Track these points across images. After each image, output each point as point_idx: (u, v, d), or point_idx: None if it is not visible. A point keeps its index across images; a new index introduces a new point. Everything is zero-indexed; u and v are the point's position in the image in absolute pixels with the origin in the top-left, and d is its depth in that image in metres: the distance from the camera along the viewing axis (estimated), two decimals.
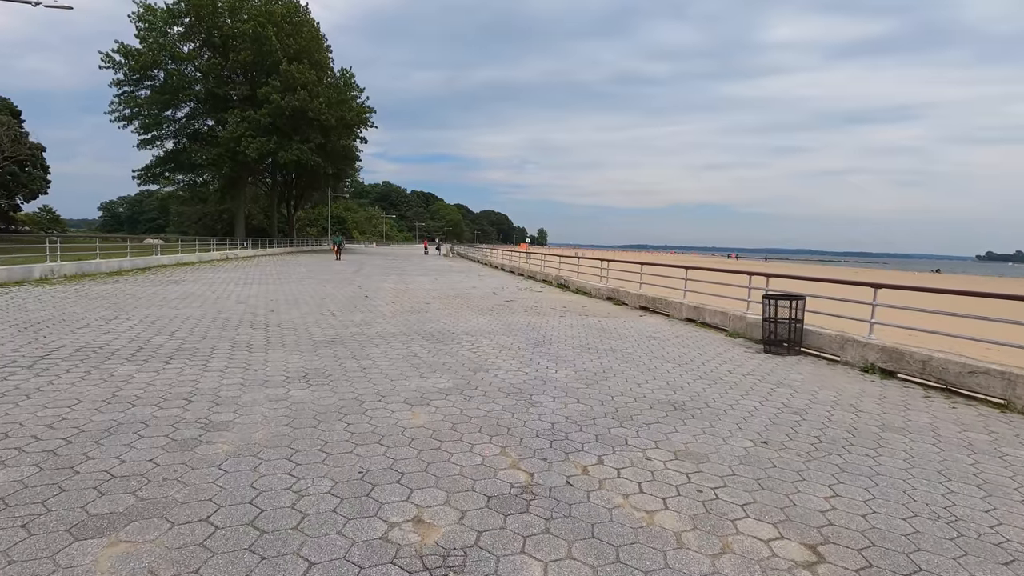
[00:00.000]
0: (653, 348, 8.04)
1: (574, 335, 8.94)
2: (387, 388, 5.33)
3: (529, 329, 9.39)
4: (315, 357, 6.54)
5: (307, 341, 7.54)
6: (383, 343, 7.63)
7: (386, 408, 4.70)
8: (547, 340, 8.37)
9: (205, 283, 15.51)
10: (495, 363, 6.62)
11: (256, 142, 37.55)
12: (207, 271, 20.16)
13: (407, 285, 17.61)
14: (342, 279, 19.00)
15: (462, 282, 19.69)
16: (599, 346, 8.03)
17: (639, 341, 8.60)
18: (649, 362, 7.05)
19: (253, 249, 36.39)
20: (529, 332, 9.05)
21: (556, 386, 5.65)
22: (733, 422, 4.70)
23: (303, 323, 9.14)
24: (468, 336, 8.46)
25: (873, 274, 64.97)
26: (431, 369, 6.19)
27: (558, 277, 19.48)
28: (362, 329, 8.75)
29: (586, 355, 7.34)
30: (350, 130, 45.46)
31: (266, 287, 15.11)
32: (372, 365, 6.27)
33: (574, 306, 13.32)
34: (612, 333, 9.30)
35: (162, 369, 5.67)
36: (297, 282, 17.11)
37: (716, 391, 5.70)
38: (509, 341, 8.16)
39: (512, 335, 8.71)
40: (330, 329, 8.64)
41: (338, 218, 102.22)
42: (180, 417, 4.22)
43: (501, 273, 26.39)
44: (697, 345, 8.45)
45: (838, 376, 6.66)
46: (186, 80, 39.19)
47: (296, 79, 37.53)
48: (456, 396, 5.14)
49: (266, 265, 25.58)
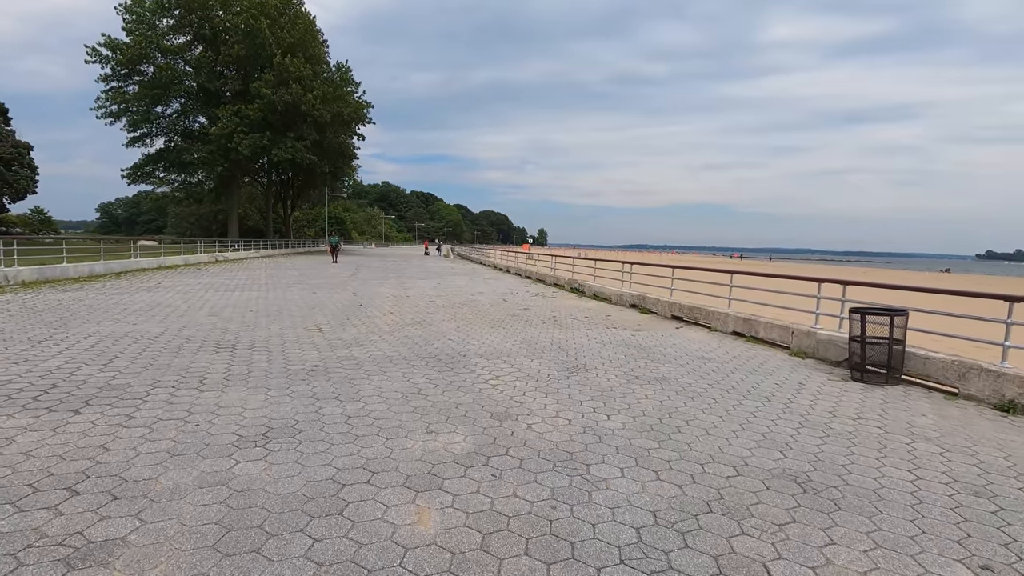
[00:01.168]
0: (714, 376, 6.43)
1: (610, 356, 7.33)
2: (380, 454, 3.72)
3: (555, 348, 7.79)
4: (285, 398, 4.93)
5: (280, 371, 5.92)
6: (377, 372, 6.02)
7: (377, 501, 3.08)
8: (581, 365, 6.77)
9: (181, 290, 13.89)
10: (524, 404, 5.01)
11: (248, 139, 35.84)
12: (188, 276, 18.54)
13: (407, 291, 16.00)
14: (336, 284, 17.38)
15: (467, 287, 18.09)
16: (647, 373, 6.42)
17: (692, 365, 6.99)
18: (721, 398, 5.45)
19: (245, 251, 34.73)
20: (556, 353, 7.44)
21: (616, 444, 4.05)
22: (902, 516, 3.09)
23: (281, 343, 7.52)
24: (483, 360, 6.85)
25: (882, 274, 63.45)
26: (441, 416, 4.58)
27: (572, 281, 17.87)
28: (352, 351, 7.13)
29: (636, 387, 5.74)
30: (347, 126, 43.71)
31: (249, 294, 13.50)
32: (361, 410, 4.66)
33: (597, 316, 11.72)
34: (655, 353, 7.69)
35: (64, 424, 4.05)
36: (285, 288, 15.50)
37: (837, 450, 4.10)
38: (535, 367, 6.55)
39: (536, 357, 7.11)
40: (313, 351, 7.03)
41: (336, 218, 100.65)
42: (40, 532, 2.60)
43: (507, 276, 24.79)
44: (764, 370, 6.85)
45: (974, 419, 5.06)
46: (176, 74, 37.49)
47: (290, 73, 35.82)
48: (480, 470, 3.53)
49: (256, 268, 23.96)
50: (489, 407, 4.88)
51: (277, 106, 35.97)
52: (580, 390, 5.58)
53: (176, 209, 68.80)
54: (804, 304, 9.10)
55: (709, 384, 6.02)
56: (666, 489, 3.34)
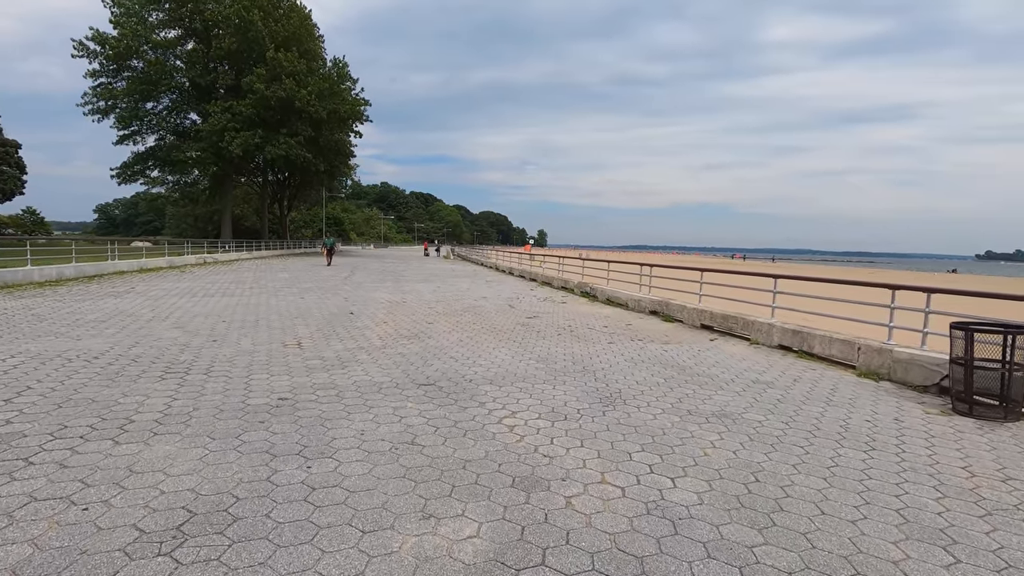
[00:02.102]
0: (784, 408, 5.13)
1: (647, 379, 6.03)
2: (349, 571, 2.42)
3: (578, 369, 6.48)
4: (230, 455, 3.61)
5: (235, 408, 4.61)
6: (360, 408, 4.72)
7: None
8: (615, 393, 5.47)
9: (154, 295, 12.57)
10: (555, 460, 3.70)
11: (240, 136, 34.45)
12: (169, 279, 17.23)
13: (404, 295, 14.70)
14: (327, 288, 16.08)
15: (469, 290, 16.79)
16: (700, 405, 5.12)
17: (750, 392, 5.69)
18: (809, 445, 4.15)
19: (236, 252, 33.37)
20: (581, 376, 6.14)
21: (700, 538, 2.75)
22: None
23: (247, 364, 6.21)
24: (493, 387, 5.55)
25: (890, 275, 62.25)
26: (443, 484, 3.27)
27: (582, 284, 16.57)
28: (333, 376, 5.82)
29: (694, 428, 4.44)
30: (343, 124, 42.35)
31: (228, 300, 12.18)
32: (331, 476, 3.35)
33: (616, 325, 10.42)
34: (699, 374, 6.39)
35: None
36: (271, 293, 14.18)
37: None
38: (559, 397, 5.25)
39: (559, 382, 5.81)
40: (284, 376, 5.71)
41: (335, 219, 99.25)
42: None
43: (510, 278, 23.48)
44: (841, 399, 5.55)
45: None
46: (166, 69, 36.13)
47: (283, 68, 34.46)
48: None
49: (245, 270, 22.64)
50: (509, 466, 3.57)
51: (270, 102, 34.60)
52: (624, 434, 4.28)
53: (173, 210, 67.47)
54: (866, 313, 7.81)
55: (784, 422, 4.72)
56: None
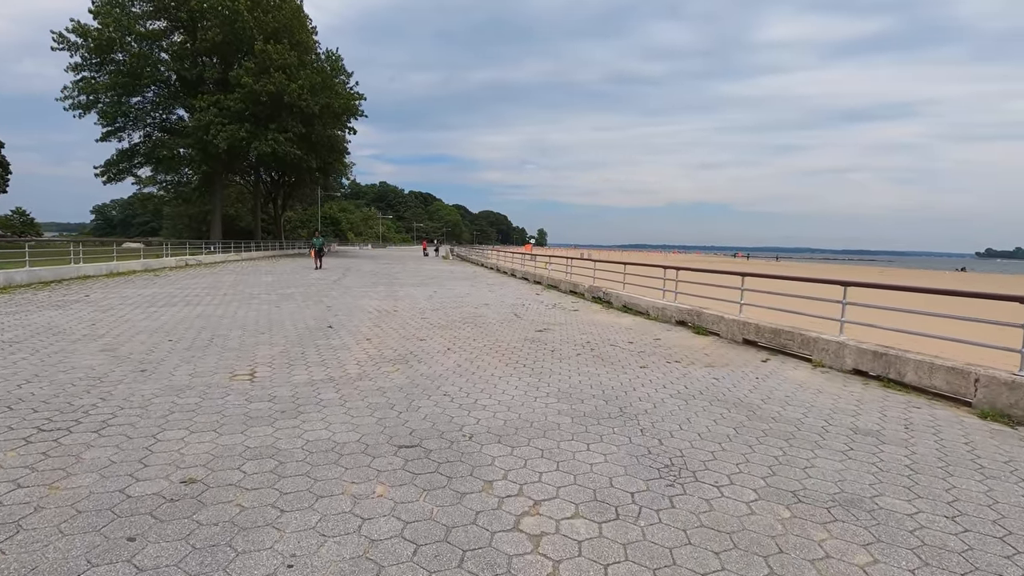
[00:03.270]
0: (924, 483, 3.51)
1: (714, 432, 4.41)
2: None
3: (615, 412, 4.86)
4: None
5: (102, 503, 2.98)
6: (301, 502, 3.08)
7: None
8: (674, 456, 3.85)
9: (106, 306, 10.95)
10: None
11: (226, 130, 32.77)
12: (136, 284, 15.59)
13: (396, 302, 13.08)
14: (311, 294, 14.45)
15: (469, 295, 15.16)
16: (808, 484, 3.50)
17: (859, 451, 4.08)
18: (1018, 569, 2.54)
19: (223, 253, 31.69)
20: (621, 426, 4.51)
21: None
22: None
23: (165, 413, 4.58)
24: (503, 448, 3.93)
25: (898, 274, 60.57)
26: None
27: (594, 289, 14.94)
28: (278, 433, 4.19)
29: (823, 536, 2.83)
30: (337, 119, 40.63)
31: (190, 311, 10.56)
32: None
33: (642, 339, 8.80)
34: (777, 420, 4.77)
35: None
36: (245, 300, 12.55)
37: None
38: (599, 467, 3.62)
39: (593, 437, 4.19)
40: (207, 435, 4.08)
41: (331, 219, 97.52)
42: None
43: (513, 281, 21.85)
44: (991, 461, 3.93)
45: None
46: (150, 61, 34.38)
47: (273, 60, 32.75)
48: None
49: (226, 273, 21.00)
50: None
51: (259, 96, 32.88)
52: (716, 548, 2.66)
53: (169, 210, 65.85)
54: (961, 330, 6.21)
55: (948, 515, 3.10)
56: None
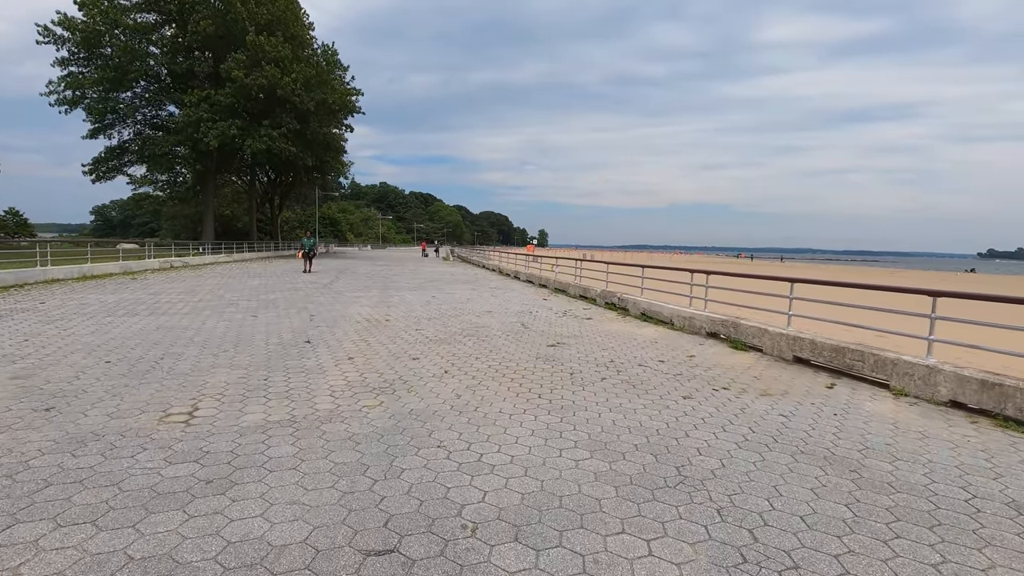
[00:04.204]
0: None
1: (821, 515, 3.07)
2: None
3: (670, 476, 3.53)
4: None
5: None
6: None
7: None
8: (777, 562, 2.52)
9: (57, 315, 9.62)
10: None
11: (216, 127, 31.44)
12: (104, 289, 14.26)
13: (389, 310, 11.76)
14: (296, 300, 13.13)
15: (470, 301, 13.83)
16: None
17: None
18: None
19: (214, 255, 30.37)
20: (680, 495, 3.17)
21: None
22: None
23: (41, 482, 3.23)
24: (522, 545, 2.59)
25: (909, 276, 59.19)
26: None
27: (607, 294, 13.60)
28: (187, 527, 2.86)
29: None
30: (333, 116, 39.30)
31: (151, 323, 9.23)
32: None
33: (673, 356, 7.48)
34: (903, 490, 3.43)
35: None
36: (219, 309, 11.23)
37: None
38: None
39: (647, 519, 2.86)
40: (72, 536, 2.73)
41: (330, 219, 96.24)
42: None
43: (517, 284, 20.53)
44: None
45: None
46: (137, 55, 33.01)
47: (265, 53, 31.41)
48: None
49: (212, 276, 19.68)
50: None
51: (251, 91, 31.58)
52: None
53: (168, 210, 64.66)
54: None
55: None
56: None
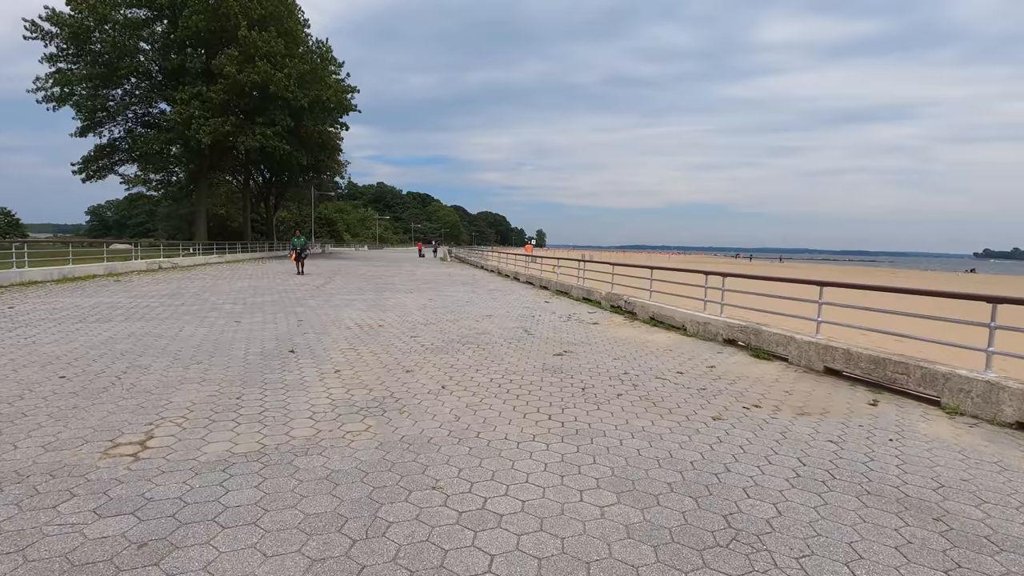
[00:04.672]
0: None
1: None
2: None
3: (718, 529, 2.85)
4: None
5: None
6: None
7: None
8: None
9: (23, 320, 8.90)
10: None
11: (208, 124, 30.69)
12: (84, 292, 13.55)
13: (383, 314, 11.08)
14: (286, 303, 12.44)
15: (469, 304, 13.16)
16: None
17: None
18: None
19: (205, 255, 29.62)
20: (737, 560, 2.50)
21: None
22: None
23: None
24: None
25: (912, 277, 58.61)
26: None
27: (612, 296, 12.94)
28: None
29: None
30: (328, 113, 38.57)
31: (125, 328, 8.53)
32: None
33: (692, 367, 6.82)
34: (989, 539, 2.76)
35: None
36: (202, 313, 10.54)
37: None
38: None
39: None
40: None
41: (327, 219, 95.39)
42: None
43: (516, 285, 19.87)
44: None
45: None
46: (127, 50, 32.20)
47: (257, 48, 30.66)
48: None
49: (200, 278, 18.96)
50: None
51: (244, 87, 30.82)
52: None
53: (162, 210, 63.87)
54: None
55: None
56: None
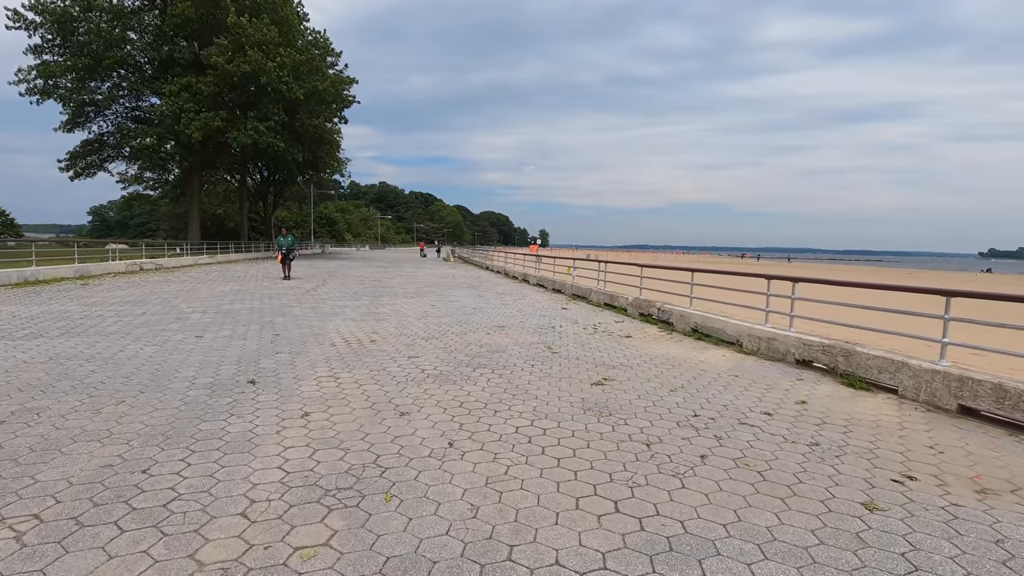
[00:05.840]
0: None
1: None
2: None
3: None
4: None
5: None
6: None
7: None
8: None
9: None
10: None
11: (199, 119, 29.03)
12: (38, 298, 11.90)
13: (378, 323, 9.40)
14: (266, 310, 10.79)
15: (477, 311, 11.47)
16: None
17: None
18: None
19: (194, 256, 27.99)
20: None
21: None
22: None
23: None
24: None
25: (927, 277, 56.59)
26: None
27: (642, 302, 11.23)
28: None
29: None
30: (326, 107, 36.84)
31: (55, 347, 6.87)
32: None
33: (779, 404, 5.13)
34: None
35: None
36: (162, 326, 8.87)
37: None
38: None
39: None
40: None
41: (328, 219, 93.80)
42: None
43: (526, 288, 18.19)
44: None
45: None
46: (113, 40, 30.51)
47: (249, 36, 28.98)
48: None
49: (178, 281, 17.32)
50: None
51: (233, 78, 29.15)
52: None
53: (161, 209, 62.52)
54: None
55: None
56: None
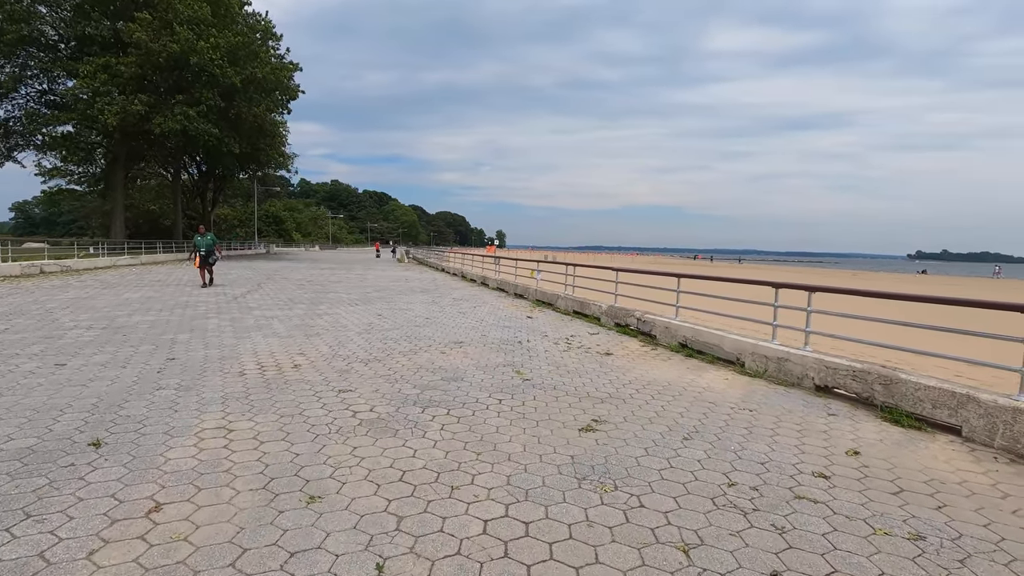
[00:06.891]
0: None
1: None
2: None
3: None
4: None
5: None
6: None
7: None
8: None
9: None
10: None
11: (116, 103, 25.95)
12: None
13: (308, 340, 7.64)
14: (169, 325, 8.81)
15: (431, 322, 9.83)
16: None
17: None
18: None
19: (113, 256, 24.94)
20: None
21: None
22: None
23: None
24: None
25: (867, 279, 58.86)
26: None
27: (618, 311, 9.90)
28: None
29: None
30: (267, 95, 33.99)
31: None
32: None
33: (825, 456, 3.81)
34: None
35: None
36: (20, 347, 6.84)
37: None
38: None
39: None
40: None
41: (275, 217, 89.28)
42: None
43: (485, 293, 16.67)
44: None
45: None
46: (16, 14, 26.89)
47: (177, 12, 26.12)
48: None
49: (83, 286, 14.83)
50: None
51: (159, 58, 26.20)
52: None
53: (87, 206, 57.35)
54: None
55: None
56: None
